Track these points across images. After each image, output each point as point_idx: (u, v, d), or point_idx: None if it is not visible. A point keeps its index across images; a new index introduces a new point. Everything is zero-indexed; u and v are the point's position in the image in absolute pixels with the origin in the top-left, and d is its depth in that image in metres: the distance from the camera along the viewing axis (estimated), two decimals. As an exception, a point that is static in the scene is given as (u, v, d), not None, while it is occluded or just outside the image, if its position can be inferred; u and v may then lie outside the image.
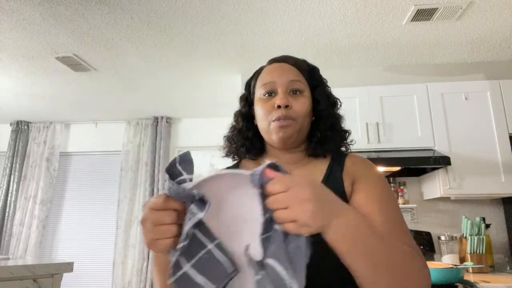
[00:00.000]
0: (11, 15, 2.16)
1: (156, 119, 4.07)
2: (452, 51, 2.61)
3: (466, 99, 2.56)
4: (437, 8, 2.10)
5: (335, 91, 0.93)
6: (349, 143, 0.89)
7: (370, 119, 2.55)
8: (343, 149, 0.88)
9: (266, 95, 0.84)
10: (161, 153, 3.93)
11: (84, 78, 3.04)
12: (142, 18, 2.22)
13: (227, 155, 0.92)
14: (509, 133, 2.47)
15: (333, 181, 0.79)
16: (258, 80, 0.89)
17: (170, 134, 4.08)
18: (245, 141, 0.89)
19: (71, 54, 2.63)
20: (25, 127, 4.22)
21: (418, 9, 2.11)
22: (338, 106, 0.90)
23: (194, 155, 0.59)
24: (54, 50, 2.58)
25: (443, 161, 2.32)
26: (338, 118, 0.88)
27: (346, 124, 0.91)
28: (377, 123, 2.54)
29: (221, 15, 2.19)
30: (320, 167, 0.83)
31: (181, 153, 0.59)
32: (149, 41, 2.48)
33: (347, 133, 0.89)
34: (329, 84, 0.92)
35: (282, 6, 2.11)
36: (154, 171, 3.91)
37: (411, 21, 2.23)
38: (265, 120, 0.83)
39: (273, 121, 0.81)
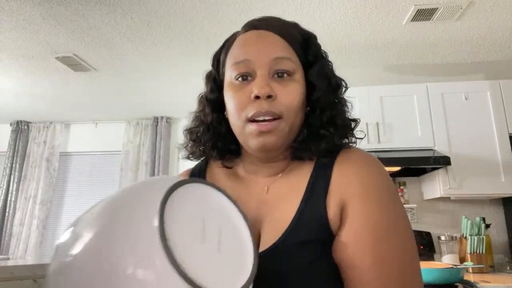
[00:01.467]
0: (11, 15, 2.16)
1: (156, 119, 4.07)
2: (452, 51, 2.61)
3: (466, 99, 2.56)
4: (437, 8, 2.10)
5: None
6: (355, 137, 0.64)
7: (370, 119, 2.55)
8: (346, 140, 0.63)
9: (240, 79, 0.58)
10: (161, 153, 3.93)
11: (84, 78, 3.04)
12: (142, 18, 2.22)
13: (189, 157, 0.68)
14: (509, 133, 2.47)
15: (313, 205, 0.55)
16: (229, 55, 0.62)
17: (170, 134, 4.07)
18: (216, 140, 0.64)
19: (71, 54, 2.63)
20: (25, 127, 4.22)
21: (418, 9, 2.11)
22: (342, 90, 0.64)
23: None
24: (54, 50, 2.58)
25: (443, 161, 2.32)
26: (340, 108, 0.63)
27: None
28: (377, 123, 2.54)
29: (221, 15, 2.19)
30: (303, 179, 0.59)
31: None
32: (149, 41, 2.47)
33: (354, 123, 0.64)
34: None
35: (282, 6, 2.11)
36: (154, 171, 3.91)
37: (411, 21, 2.23)
38: (237, 117, 0.58)
39: (250, 120, 0.56)
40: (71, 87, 3.23)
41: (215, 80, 0.67)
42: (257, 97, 0.55)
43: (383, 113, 2.57)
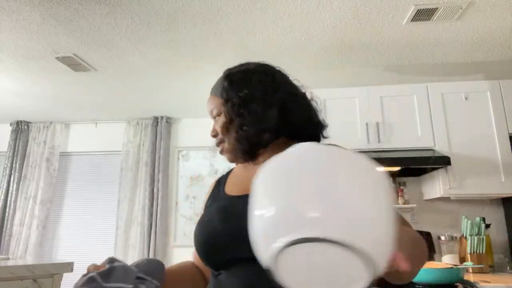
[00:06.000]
0: (11, 15, 2.16)
1: (156, 119, 4.06)
2: (452, 51, 2.61)
3: (466, 99, 2.56)
4: (437, 8, 2.10)
5: (336, 91, 0.92)
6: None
7: (370, 119, 2.55)
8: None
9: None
10: (161, 153, 3.93)
11: (84, 78, 3.04)
12: (142, 18, 2.22)
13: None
14: (509, 133, 2.47)
15: None
16: None
17: (170, 134, 4.07)
18: None
19: (71, 54, 2.63)
20: (25, 127, 4.22)
21: (418, 9, 2.11)
22: (255, 101, 0.87)
23: (194, 155, 0.57)
24: (54, 50, 2.58)
25: (443, 161, 2.32)
26: (252, 115, 0.86)
27: (346, 125, 0.88)
28: (377, 123, 2.54)
29: (221, 15, 2.19)
30: None
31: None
32: (149, 41, 2.47)
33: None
34: (329, 84, 0.90)
35: (282, 6, 2.11)
36: (154, 171, 3.91)
37: (411, 21, 2.23)
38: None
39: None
40: (71, 87, 3.23)
41: None
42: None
43: (383, 113, 2.57)
